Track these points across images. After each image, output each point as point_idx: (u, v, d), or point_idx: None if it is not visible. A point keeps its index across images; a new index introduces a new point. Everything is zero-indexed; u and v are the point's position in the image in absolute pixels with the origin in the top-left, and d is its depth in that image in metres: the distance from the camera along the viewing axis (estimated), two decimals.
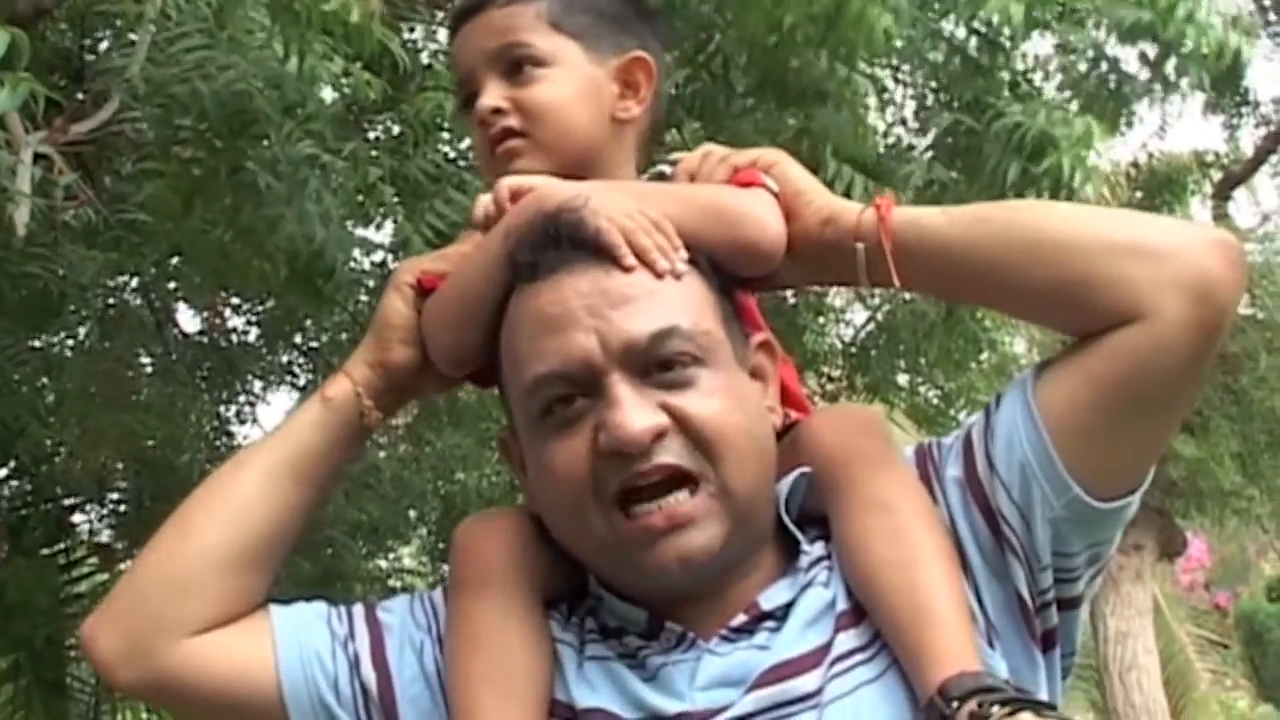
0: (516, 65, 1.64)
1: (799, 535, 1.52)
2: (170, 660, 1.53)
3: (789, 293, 5.69)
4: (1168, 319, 1.38)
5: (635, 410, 1.39)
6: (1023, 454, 1.46)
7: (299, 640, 1.56)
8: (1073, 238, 1.44)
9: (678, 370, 1.42)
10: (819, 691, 1.40)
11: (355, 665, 1.54)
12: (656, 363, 1.42)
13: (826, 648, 1.43)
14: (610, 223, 1.45)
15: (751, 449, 1.46)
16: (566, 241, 1.45)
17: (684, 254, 1.48)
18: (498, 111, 1.64)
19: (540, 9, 1.65)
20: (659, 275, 1.45)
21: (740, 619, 1.46)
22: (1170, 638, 14.03)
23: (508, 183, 1.55)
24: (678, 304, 1.45)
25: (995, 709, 1.30)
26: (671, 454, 1.40)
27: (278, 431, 1.66)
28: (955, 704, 1.32)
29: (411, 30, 4.21)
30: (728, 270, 1.53)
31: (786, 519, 1.52)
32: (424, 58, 4.15)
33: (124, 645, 1.54)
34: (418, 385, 1.67)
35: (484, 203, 1.57)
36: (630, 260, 1.44)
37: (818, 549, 1.51)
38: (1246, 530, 15.17)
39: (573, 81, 1.65)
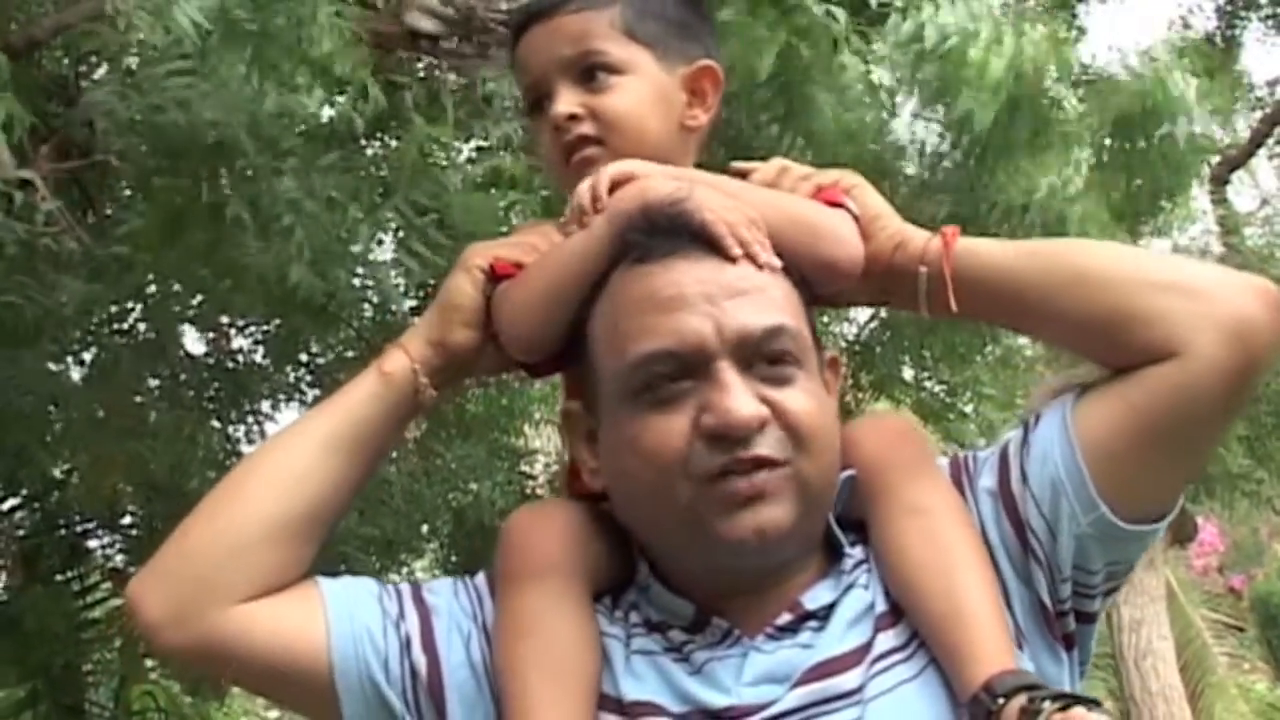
0: (590, 72, 1.67)
1: (842, 538, 1.56)
2: (219, 626, 1.54)
3: None
4: (1203, 357, 1.43)
5: (744, 397, 1.44)
6: (1055, 471, 1.51)
7: (351, 615, 1.58)
8: (1116, 274, 1.51)
9: (781, 367, 1.48)
10: (861, 689, 1.44)
11: (406, 646, 1.57)
12: (762, 357, 1.47)
13: (867, 647, 1.48)
14: (715, 215, 1.49)
15: (829, 449, 1.52)
16: (677, 229, 1.49)
17: (775, 260, 1.52)
18: (573, 118, 1.66)
19: (613, 16, 1.68)
20: (760, 268, 1.49)
21: (785, 618, 1.51)
22: (1186, 623, 14.01)
23: (611, 170, 1.57)
24: (785, 304, 1.51)
25: (1046, 704, 1.33)
26: (768, 445, 1.45)
27: (332, 403, 1.67)
28: (1001, 700, 1.36)
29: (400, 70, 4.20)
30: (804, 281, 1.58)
31: (832, 521, 1.57)
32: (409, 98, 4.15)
33: (172, 608, 1.55)
34: (472, 367, 1.70)
35: (584, 189, 1.58)
36: (736, 250, 1.48)
37: (858, 552, 1.57)
38: (1258, 513, 15.13)
39: (646, 90, 1.67)
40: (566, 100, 1.66)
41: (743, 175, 1.69)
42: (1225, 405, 1.48)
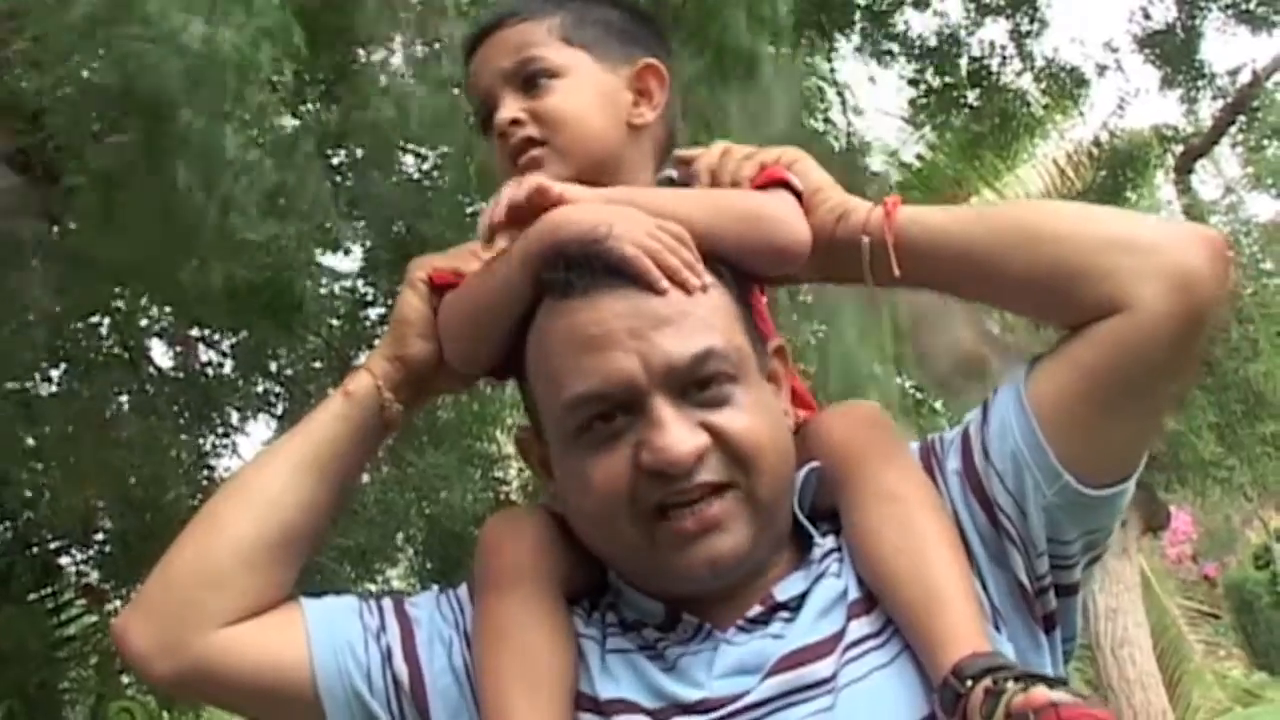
0: (531, 79, 1.67)
1: (811, 530, 1.56)
2: (204, 652, 1.56)
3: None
4: (1149, 309, 1.44)
5: (680, 432, 1.43)
6: (1014, 443, 1.51)
7: (331, 632, 1.59)
8: (1064, 232, 1.51)
9: (714, 389, 1.47)
10: (833, 677, 1.44)
11: (388, 657, 1.58)
12: (695, 382, 1.46)
13: (840, 635, 1.48)
14: (636, 248, 1.48)
15: (779, 459, 1.51)
16: (597, 267, 1.48)
17: (705, 275, 1.51)
18: (516, 123, 1.66)
19: (551, 24, 1.68)
20: (689, 292, 1.48)
21: (756, 610, 1.51)
22: (1161, 611, 14.08)
23: (531, 182, 1.56)
24: (712, 323, 1.49)
25: (1010, 684, 1.34)
26: (711, 471, 1.45)
27: (301, 427, 1.68)
28: (969, 683, 1.36)
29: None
30: (753, 272, 1.59)
31: (800, 514, 1.56)
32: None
33: (157, 639, 1.57)
34: (436, 379, 1.69)
35: (492, 207, 1.58)
36: (664, 284, 1.47)
37: (829, 541, 1.56)
38: (1230, 500, 15.23)
39: (587, 89, 1.67)
40: (509, 107, 1.67)
41: (687, 162, 1.69)
42: (1173, 356, 1.48)
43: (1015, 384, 1.54)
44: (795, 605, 1.51)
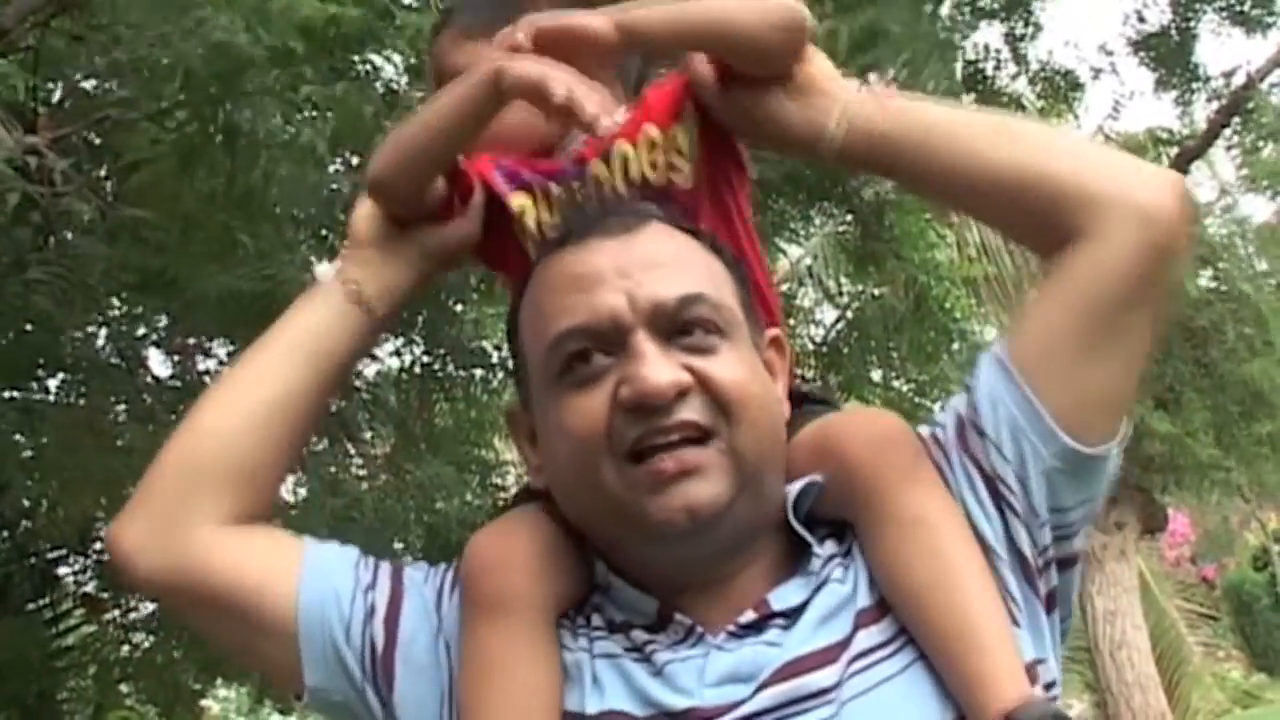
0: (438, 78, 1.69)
1: (809, 538, 1.52)
2: (192, 549, 1.55)
3: None
4: (1117, 238, 1.47)
5: (660, 364, 1.41)
6: (1007, 411, 1.50)
7: (324, 573, 1.57)
8: (1045, 141, 1.55)
9: (700, 335, 1.45)
10: (836, 687, 1.41)
11: (370, 615, 1.55)
12: (681, 327, 1.44)
13: (845, 644, 1.44)
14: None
15: (765, 420, 1.48)
16: (592, 214, 1.50)
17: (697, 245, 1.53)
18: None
19: (453, 30, 1.73)
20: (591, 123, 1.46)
21: (749, 616, 1.46)
22: (1160, 613, 14.09)
23: (535, 21, 1.53)
24: (703, 276, 1.48)
25: None
26: (692, 410, 1.41)
27: (277, 323, 1.69)
28: None
29: None
30: (749, 64, 1.57)
31: (795, 522, 1.53)
32: None
33: (145, 535, 1.56)
34: (399, 254, 1.69)
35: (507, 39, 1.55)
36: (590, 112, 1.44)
37: (829, 548, 1.53)
38: (1228, 502, 15.24)
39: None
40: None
41: None
42: (1141, 287, 1.49)
43: (994, 355, 1.54)
44: (793, 615, 1.47)
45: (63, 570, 6.80)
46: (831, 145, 1.57)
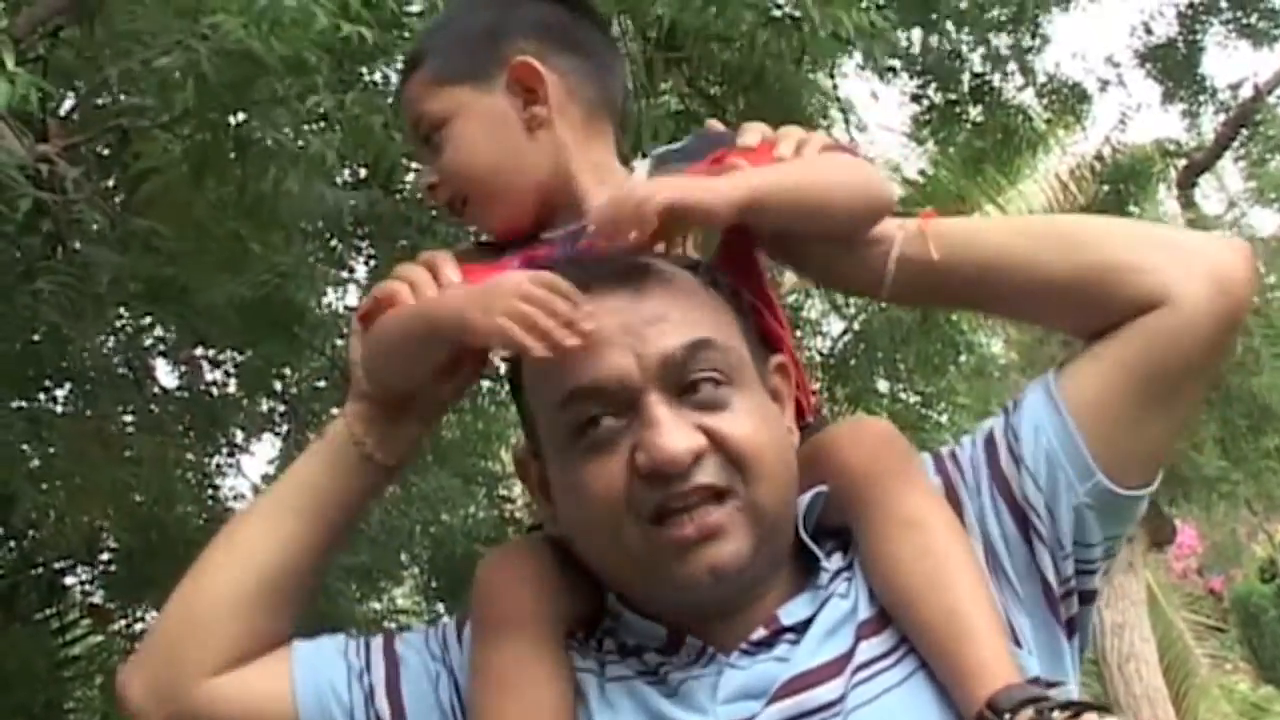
0: (426, 138, 1.66)
1: (818, 552, 1.54)
2: (192, 701, 1.57)
3: None
4: (1193, 305, 1.47)
5: (676, 431, 1.41)
6: (1049, 443, 1.52)
7: (315, 673, 1.59)
8: (1101, 233, 1.56)
9: (710, 390, 1.45)
10: (842, 699, 1.42)
11: (370, 697, 1.57)
12: (691, 382, 1.44)
13: (848, 656, 1.45)
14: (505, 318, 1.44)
15: (780, 469, 1.49)
16: (594, 271, 1.48)
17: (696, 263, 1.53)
18: (432, 188, 1.67)
19: (424, 72, 1.67)
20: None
21: (760, 633, 1.48)
22: (1167, 626, 14.05)
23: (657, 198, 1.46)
24: (707, 320, 1.48)
25: (1055, 714, 1.34)
26: (708, 474, 1.42)
27: (284, 474, 1.69)
28: (1007, 716, 1.35)
29: None
30: (823, 233, 1.56)
31: (805, 536, 1.54)
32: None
33: (151, 689, 1.59)
34: (408, 412, 1.66)
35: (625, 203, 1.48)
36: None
37: (835, 561, 1.55)
38: (1235, 514, 15.20)
39: (471, 127, 1.65)
40: (425, 172, 1.67)
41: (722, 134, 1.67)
42: (1211, 354, 1.51)
43: (1044, 387, 1.55)
44: (801, 629, 1.49)
45: (69, 580, 6.80)
46: (891, 289, 1.58)
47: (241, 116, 3.49)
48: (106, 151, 4.23)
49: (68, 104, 4.39)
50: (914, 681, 1.45)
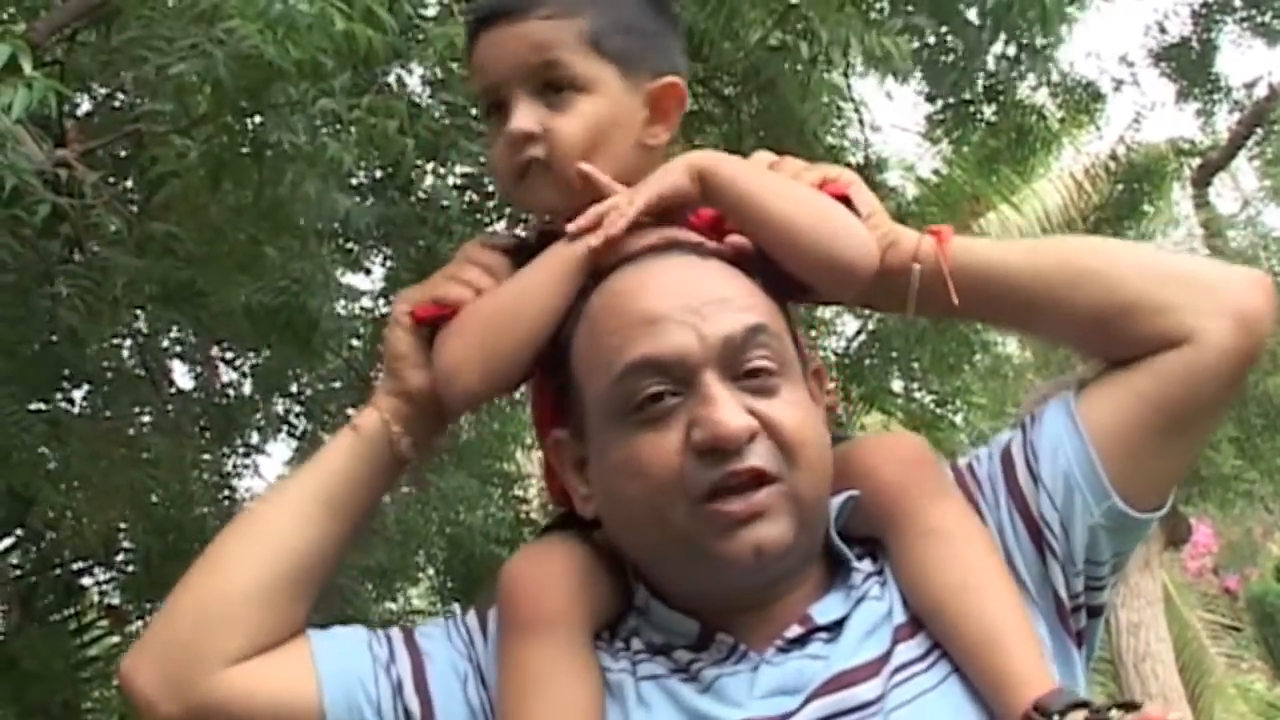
0: (553, 87, 1.59)
1: (848, 552, 1.56)
2: (210, 693, 1.53)
3: None
4: (1214, 344, 1.49)
5: (733, 409, 1.42)
6: (1067, 464, 1.54)
7: (341, 665, 1.57)
8: (1124, 269, 1.55)
9: (763, 379, 1.46)
10: (881, 699, 1.44)
11: (399, 689, 1.56)
12: (746, 367, 1.45)
13: (885, 658, 1.47)
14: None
15: (821, 463, 1.50)
16: (652, 244, 1.51)
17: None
18: (530, 138, 1.59)
19: (582, 27, 1.59)
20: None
21: (795, 630, 1.50)
22: (1183, 625, 14.02)
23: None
24: (762, 308, 1.50)
25: (1114, 713, 1.35)
26: (760, 457, 1.43)
27: (310, 464, 1.66)
28: (1056, 718, 1.36)
29: None
30: (802, 284, 1.57)
31: (835, 538, 1.56)
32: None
33: (162, 680, 1.54)
34: (442, 411, 1.65)
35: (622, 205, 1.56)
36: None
37: (866, 565, 1.56)
38: (1251, 513, 15.17)
39: (605, 113, 1.60)
40: (525, 116, 1.59)
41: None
42: (1229, 389, 1.53)
43: (1065, 407, 1.57)
44: (835, 628, 1.50)
45: (87, 581, 6.82)
46: (912, 313, 1.61)
47: (258, 121, 3.49)
48: (124, 155, 4.25)
49: (84, 108, 4.42)
50: (949, 685, 1.47)
